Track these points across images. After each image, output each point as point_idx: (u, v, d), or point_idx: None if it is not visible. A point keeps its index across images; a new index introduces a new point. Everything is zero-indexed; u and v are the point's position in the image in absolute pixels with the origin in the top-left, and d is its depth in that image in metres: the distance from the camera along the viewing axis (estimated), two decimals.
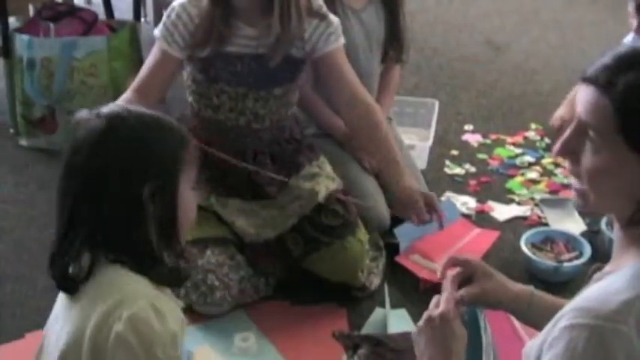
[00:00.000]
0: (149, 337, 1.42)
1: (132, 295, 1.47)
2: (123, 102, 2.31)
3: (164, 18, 2.50)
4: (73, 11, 3.78)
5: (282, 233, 2.62)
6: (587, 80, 1.33)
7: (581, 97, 1.34)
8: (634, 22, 3.04)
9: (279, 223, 2.62)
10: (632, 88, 1.27)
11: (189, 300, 2.49)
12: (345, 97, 2.60)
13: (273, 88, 2.55)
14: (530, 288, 1.75)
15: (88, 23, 3.70)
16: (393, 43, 3.11)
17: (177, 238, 1.60)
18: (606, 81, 1.29)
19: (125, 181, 1.51)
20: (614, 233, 1.44)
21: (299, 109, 2.84)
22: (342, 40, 2.56)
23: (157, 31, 2.50)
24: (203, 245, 2.53)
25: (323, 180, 2.68)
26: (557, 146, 1.39)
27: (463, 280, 1.74)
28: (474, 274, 1.73)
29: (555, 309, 1.38)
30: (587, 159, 1.33)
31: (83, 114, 1.56)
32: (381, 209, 2.90)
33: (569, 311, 1.28)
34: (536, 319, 1.67)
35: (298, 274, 2.67)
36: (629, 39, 3.16)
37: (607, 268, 1.41)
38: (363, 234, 2.68)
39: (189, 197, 1.61)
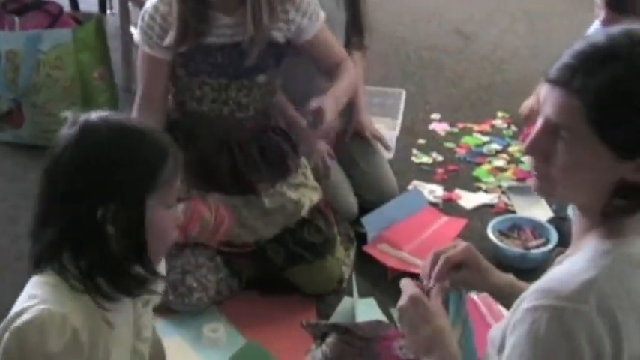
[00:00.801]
0: (24, 350, 1.45)
1: (34, 306, 1.47)
2: (136, 110, 2.49)
3: (139, 22, 2.46)
4: (39, 4, 3.74)
5: (260, 240, 2.62)
6: (555, 82, 1.33)
7: (549, 99, 1.34)
8: (601, 14, 3.04)
9: (260, 228, 2.61)
10: (604, 89, 1.28)
11: (166, 300, 2.43)
12: (335, 67, 2.63)
13: (256, 75, 2.52)
14: (512, 280, 1.74)
15: (53, 16, 3.67)
16: (354, 29, 3.10)
17: (147, 259, 1.54)
18: (576, 84, 1.29)
19: (79, 198, 1.48)
20: (573, 218, 1.45)
21: None
22: (322, 15, 2.56)
23: (137, 37, 2.48)
24: (182, 244, 2.50)
25: (307, 192, 2.67)
26: (526, 145, 1.40)
27: (453, 266, 1.72)
28: (465, 261, 1.71)
29: None
30: (561, 157, 1.34)
31: (71, 115, 1.53)
32: (349, 198, 2.92)
33: (531, 293, 1.30)
34: None
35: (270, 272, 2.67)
36: (594, 27, 3.17)
37: (568, 251, 1.43)
38: (340, 251, 2.70)
39: (162, 218, 1.54)
